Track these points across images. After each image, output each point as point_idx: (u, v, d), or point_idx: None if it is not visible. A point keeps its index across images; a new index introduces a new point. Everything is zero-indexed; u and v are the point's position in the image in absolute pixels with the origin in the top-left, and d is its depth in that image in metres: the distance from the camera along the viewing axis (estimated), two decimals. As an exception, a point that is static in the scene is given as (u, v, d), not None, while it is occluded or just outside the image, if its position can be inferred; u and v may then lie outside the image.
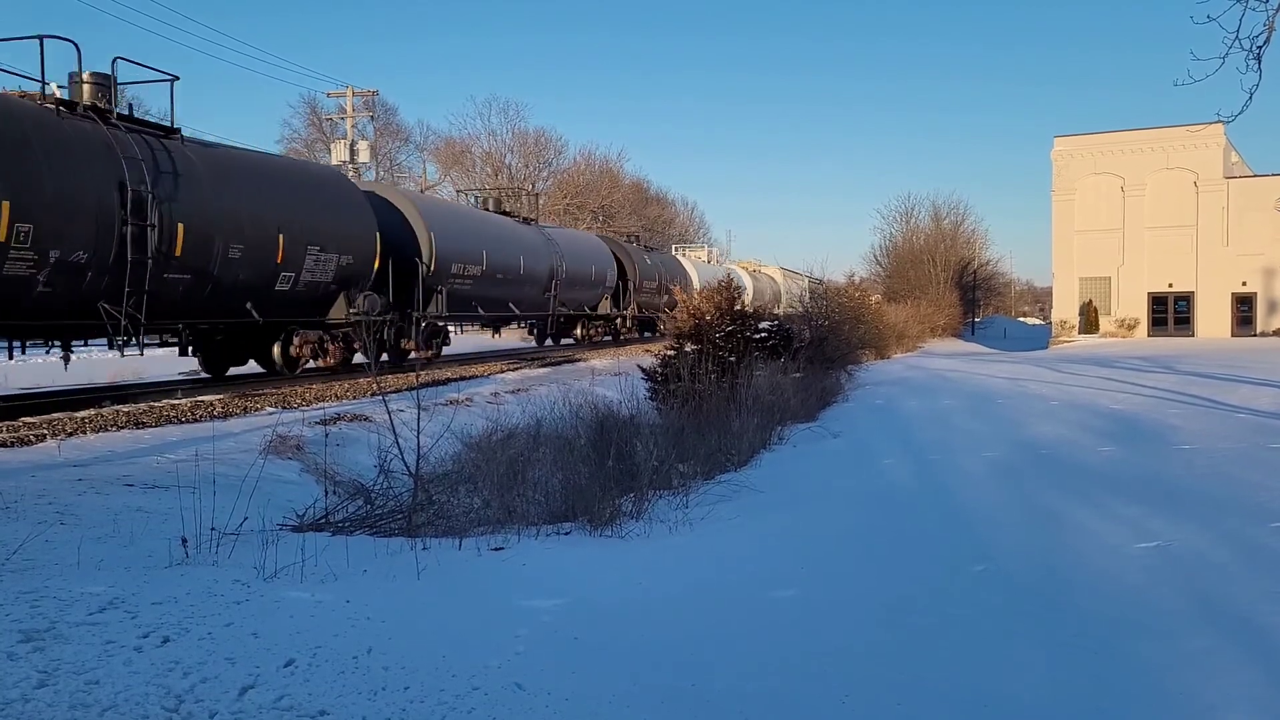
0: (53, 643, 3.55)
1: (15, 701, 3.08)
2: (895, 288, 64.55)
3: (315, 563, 4.94)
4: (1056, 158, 44.66)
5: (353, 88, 35.91)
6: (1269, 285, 40.65)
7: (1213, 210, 41.30)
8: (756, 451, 11.11)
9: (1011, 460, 9.80)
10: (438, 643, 4.14)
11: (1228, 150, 42.45)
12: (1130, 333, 42.27)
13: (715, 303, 16.30)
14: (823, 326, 22.04)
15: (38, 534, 5.48)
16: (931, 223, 74.57)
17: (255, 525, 5.79)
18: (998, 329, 70.56)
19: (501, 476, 8.11)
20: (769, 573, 5.88)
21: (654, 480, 8.26)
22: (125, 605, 4.03)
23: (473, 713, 3.52)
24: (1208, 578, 5.40)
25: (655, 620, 4.90)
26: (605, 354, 26.39)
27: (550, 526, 7.07)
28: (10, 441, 9.53)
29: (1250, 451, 9.74)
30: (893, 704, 3.86)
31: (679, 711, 3.75)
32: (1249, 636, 4.47)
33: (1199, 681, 3.99)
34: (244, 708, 3.26)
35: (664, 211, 77.63)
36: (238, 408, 12.87)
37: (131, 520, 6.40)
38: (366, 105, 40.62)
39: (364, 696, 3.50)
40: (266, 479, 7.66)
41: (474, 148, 61.52)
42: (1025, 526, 6.90)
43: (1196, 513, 6.94)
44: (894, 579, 5.67)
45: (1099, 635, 4.57)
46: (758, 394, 12.92)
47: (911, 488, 8.68)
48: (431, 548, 5.79)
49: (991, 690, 3.98)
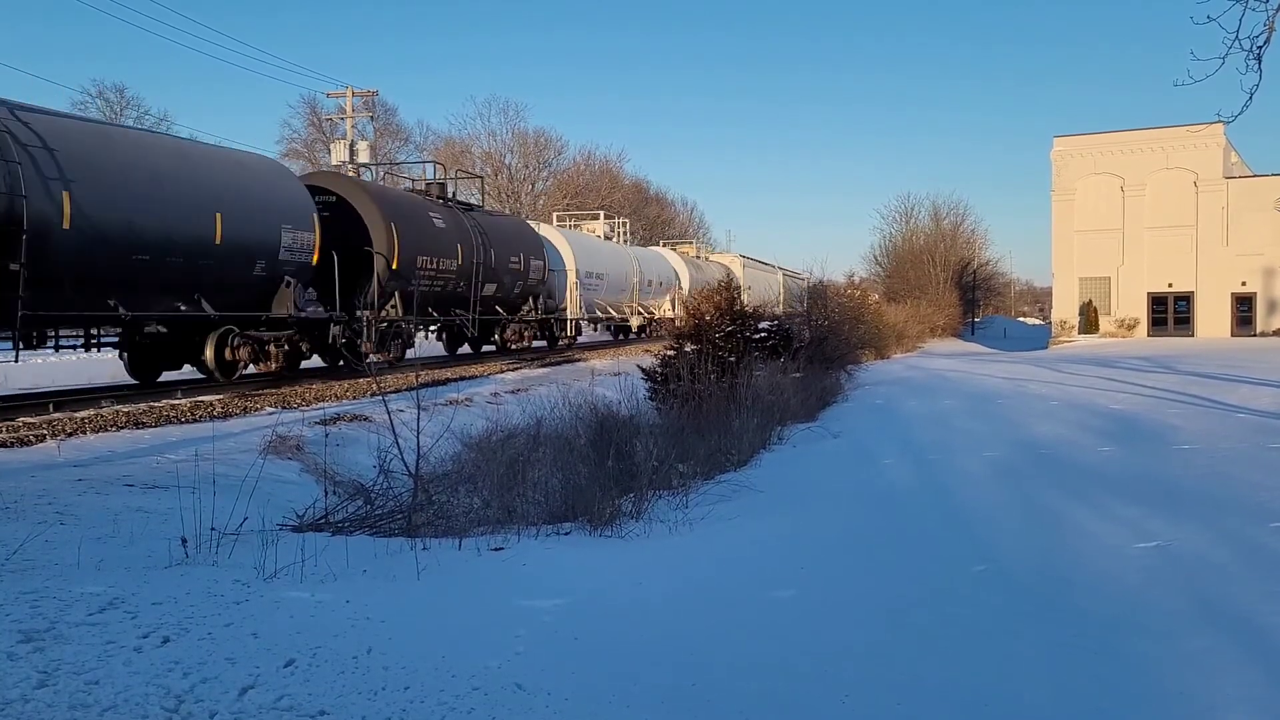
0: (53, 643, 3.56)
1: (15, 702, 3.08)
2: (895, 288, 64.58)
3: (315, 563, 4.94)
4: (1056, 158, 44.65)
5: (353, 88, 35.88)
6: (1269, 285, 40.65)
7: (1212, 210, 41.30)
8: (756, 451, 11.11)
9: (1011, 460, 9.81)
10: (438, 643, 4.14)
11: (1227, 150, 42.45)
12: (1130, 333, 42.27)
13: (715, 303, 16.30)
14: (822, 326, 22.05)
15: (38, 534, 5.48)
16: (931, 222, 74.71)
17: (255, 525, 5.79)
18: (997, 329, 70.56)
19: (501, 477, 8.12)
20: (769, 572, 5.88)
21: (654, 480, 8.26)
22: (125, 605, 4.04)
23: (473, 713, 3.52)
24: (1207, 578, 5.41)
25: (655, 620, 4.90)
26: (606, 354, 26.40)
27: (550, 526, 7.07)
28: (10, 442, 9.54)
29: (1250, 451, 9.74)
30: (893, 704, 3.86)
31: (679, 711, 3.75)
32: (1249, 637, 4.47)
33: (1199, 681, 3.99)
34: (244, 708, 3.26)
35: (664, 211, 77.64)
36: (237, 408, 12.88)
37: (131, 520, 6.40)
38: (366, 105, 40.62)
39: (364, 697, 3.50)
40: (266, 479, 7.65)
41: (474, 148, 61.62)
42: (1025, 527, 6.90)
43: (1196, 513, 6.95)
44: (894, 579, 5.67)
45: (1099, 635, 4.57)
46: (757, 394, 12.92)
47: (911, 488, 8.68)
48: (431, 548, 5.79)
49: (991, 690, 3.98)
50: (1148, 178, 42.62)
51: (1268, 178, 42.06)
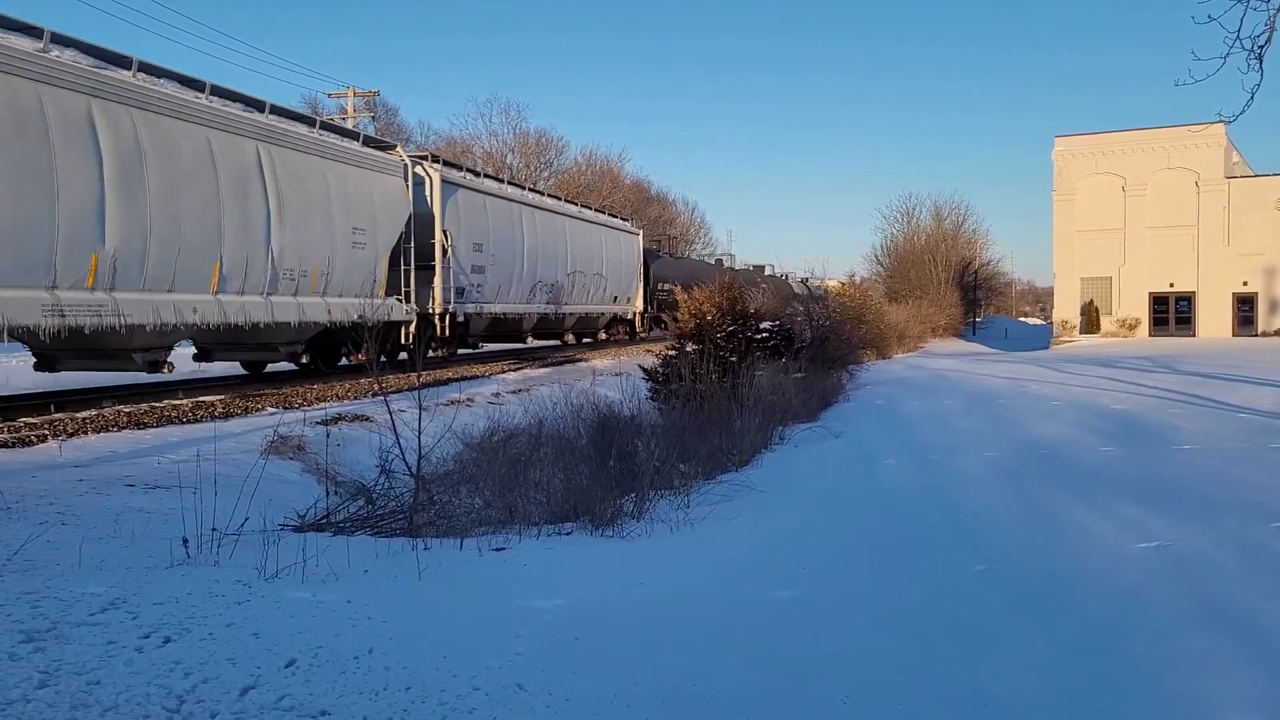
0: (54, 643, 3.56)
1: (17, 702, 3.08)
2: (896, 287, 64.54)
3: (316, 563, 4.95)
4: (1057, 158, 44.64)
5: (354, 88, 35.93)
6: (1270, 285, 40.64)
7: (1214, 210, 41.29)
8: (758, 451, 11.11)
9: (1012, 460, 9.80)
10: (439, 643, 4.14)
11: (1229, 150, 42.43)
12: (1131, 333, 42.26)
13: (716, 303, 16.28)
14: (824, 326, 22.04)
15: (39, 534, 5.48)
16: (933, 222, 74.62)
17: (256, 525, 5.79)
18: (999, 329, 70.48)
19: (503, 477, 8.11)
20: (770, 573, 5.87)
21: (655, 480, 8.24)
22: (126, 605, 4.04)
23: (474, 713, 3.52)
24: (1209, 578, 5.40)
25: (656, 620, 4.90)
26: (607, 354, 26.39)
27: (551, 527, 7.06)
28: (11, 442, 9.54)
29: (1252, 452, 9.74)
30: (894, 704, 3.86)
31: (680, 712, 3.75)
32: (1250, 637, 4.47)
33: (1199, 682, 3.99)
34: (245, 708, 3.26)
35: (665, 211, 77.57)
36: (239, 408, 12.88)
37: (133, 520, 6.40)
38: (368, 105, 40.64)
39: (365, 697, 3.50)
40: (268, 479, 7.65)
41: (475, 148, 61.58)
42: (1026, 527, 6.90)
43: (1198, 513, 6.94)
44: (895, 579, 5.67)
45: (1099, 635, 4.57)
46: (759, 394, 12.90)
47: (913, 488, 8.68)
48: (433, 548, 5.80)
49: (992, 690, 3.98)
50: (1149, 177, 42.61)
51: (1269, 177, 42.05)
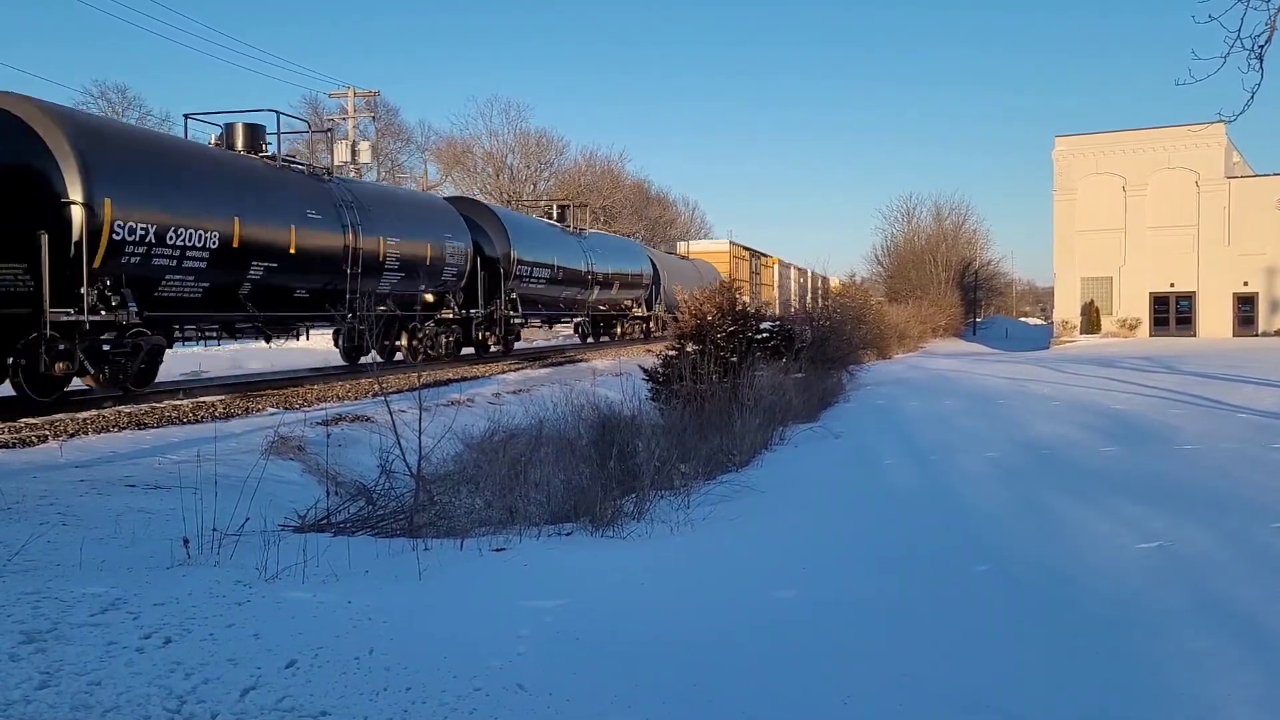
0: (55, 644, 3.56)
1: (17, 702, 3.08)
2: (897, 288, 64.56)
3: (317, 563, 4.94)
4: (1058, 158, 44.63)
5: (354, 88, 35.95)
6: (1271, 285, 40.62)
7: (1214, 210, 41.27)
8: (758, 452, 11.10)
9: (1013, 461, 9.80)
10: (439, 643, 4.14)
11: (1229, 150, 42.42)
12: (1132, 333, 42.24)
13: (716, 303, 16.29)
14: (824, 327, 22.04)
15: (40, 535, 5.48)
16: (933, 222, 74.69)
17: (257, 526, 5.78)
18: (999, 329, 70.48)
19: (503, 477, 8.10)
20: (770, 573, 5.87)
21: (655, 480, 8.24)
22: (127, 606, 4.04)
23: (474, 713, 3.51)
24: (1210, 578, 5.40)
25: (657, 620, 4.90)
26: (607, 354, 26.39)
27: (552, 527, 7.06)
28: (12, 442, 9.54)
29: (1252, 452, 9.73)
30: (894, 704, 3.86)
31: (681, 712, 3.75)
32: (1251, 637, 4.47)
33: (1200, 681, 3.99)
34: (246, 709, 3.26)
35: (665, 212, 77.54)
36: (239, 408, 12.88)
37: (133, 521, 6.40)
38: (368, 106, 40.67)
39: (366, 697, 3.50)
40: (268, 480, 7.65)
41: (475, 148, 61.53)
42: (1027, 527, 6.90)
43: (1198, 513, 6.94)
44: (895, 579, 5.67)
45: (1101, 635, 4.57)
46: (759, 394, 12.90)
47: (913, 488, 8.67)
48: (433, 548, 5.79)
49: (993, 690, 3.98)
50: (1149, 177, 42.59)
51: (1269, 177, 42.02)
